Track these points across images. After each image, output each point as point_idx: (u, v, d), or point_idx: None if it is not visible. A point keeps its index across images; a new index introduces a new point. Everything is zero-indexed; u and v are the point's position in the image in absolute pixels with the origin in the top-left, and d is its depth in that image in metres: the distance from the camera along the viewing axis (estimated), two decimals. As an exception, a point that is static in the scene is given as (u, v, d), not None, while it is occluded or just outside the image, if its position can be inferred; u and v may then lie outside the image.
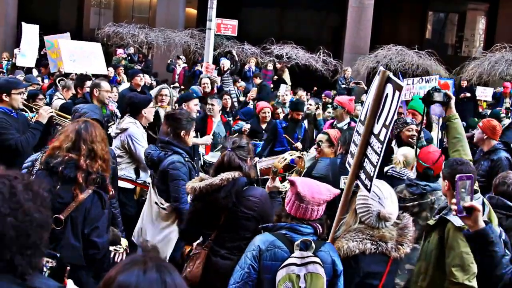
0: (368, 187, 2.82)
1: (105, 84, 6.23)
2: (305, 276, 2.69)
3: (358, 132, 3.09)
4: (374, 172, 2.74)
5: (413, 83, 8.09)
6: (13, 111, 4.94)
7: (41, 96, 7.39)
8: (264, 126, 7.84)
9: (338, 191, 3.00)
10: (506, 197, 4.00)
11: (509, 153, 5.94)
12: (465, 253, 3.23)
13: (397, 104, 2.68)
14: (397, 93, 2.71)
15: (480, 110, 14.27)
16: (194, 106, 6.55)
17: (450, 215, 3.32)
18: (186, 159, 4.34)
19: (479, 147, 6.23)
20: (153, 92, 7.85)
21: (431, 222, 3.54)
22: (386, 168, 4.81)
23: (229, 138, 3.65)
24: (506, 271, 2.48)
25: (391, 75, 2.86)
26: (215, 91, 10.11)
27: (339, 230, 3.15)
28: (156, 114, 6.13)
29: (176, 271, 1.53)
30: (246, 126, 7.87)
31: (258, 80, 13.12)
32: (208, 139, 6.54)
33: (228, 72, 12.83)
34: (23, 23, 12.59)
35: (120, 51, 15.57)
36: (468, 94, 15.40)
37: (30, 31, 12.39)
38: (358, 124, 3.13)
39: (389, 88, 2.79)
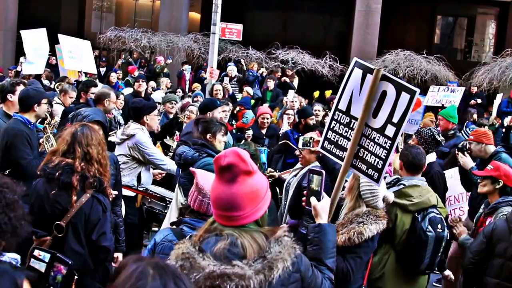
0: (376, 178, 2.95)
1: (113, 95, 6.30)
2: None
3: (339, 122, 3.17)
4: (383, 165, 2.92)
5: (438, 91, 7.99)
6: (31, 123, 4.82)
7: None
8: (264, 131, 7.83)
9: None
10: None
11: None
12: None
13: (407, 107, 2.85)
14: (405, 95, 2.86)
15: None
16: (218, 114, 6.15)
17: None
18: None
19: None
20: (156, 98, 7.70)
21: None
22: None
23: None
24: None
25: (392, 76, 2.98)
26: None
27: (341, 214, 3.42)
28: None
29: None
30: (249, 133, 7.79)
31: (271, 84, 12.83)
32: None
33: (235, 79, 12.57)
34: (21, 31, 12.09)
35: (160, 58, 15.39)
36: (479, 101, 15.04)
37: (36, 37, 11.83)
38: (335, 113, 3.19)
39: (386, 86, 2.93)
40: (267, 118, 7.89)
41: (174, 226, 2.96)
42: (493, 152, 5.70)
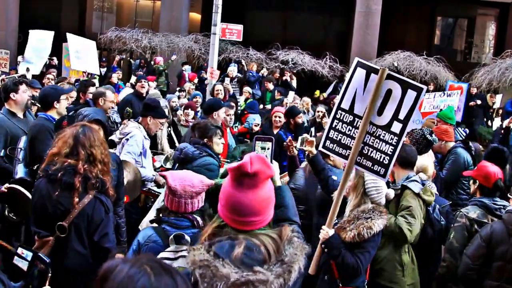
0: (382, 173, 3.07)
1: (110, 94, 6.31)
2: None
3: (342, 121, 3.24)
4: (390, 160, 3.04)
5: (434, 97, 8.03)
6: (55, 119, 4.87)
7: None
8: (275, 131, 7.40)
9: (212, 182, 3.04)
10: None
11: (468, 151, 6.00)
12: (411, 209, 3.89)
13: (413, 104, 2.98)
14: (411, 92, 2.99)
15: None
16: (222, 114, 6.30)
17: (410, 184, 4.02)
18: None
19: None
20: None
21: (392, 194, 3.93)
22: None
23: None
24: None
25: (398, 75, 3.10)
26: (227, 98, 9.90)
27: (346, 212, 3.50)
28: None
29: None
30: (256, 122, 7.64)
31: (271, 86, 12.85)
32: None
33: (236, 79, 12.60)
34: (30, 31, 12.04)
35: (159, 59, 15.40)
36: (479, 102, 15.05)
37: (42, 38, 11.77)
38: (338, 112, 3.25)
39: (392, 85, 3.04)
40: (279, 117, 7.48)
41: (155, 225, 2.98)
42: (451, 148, 5.90)
